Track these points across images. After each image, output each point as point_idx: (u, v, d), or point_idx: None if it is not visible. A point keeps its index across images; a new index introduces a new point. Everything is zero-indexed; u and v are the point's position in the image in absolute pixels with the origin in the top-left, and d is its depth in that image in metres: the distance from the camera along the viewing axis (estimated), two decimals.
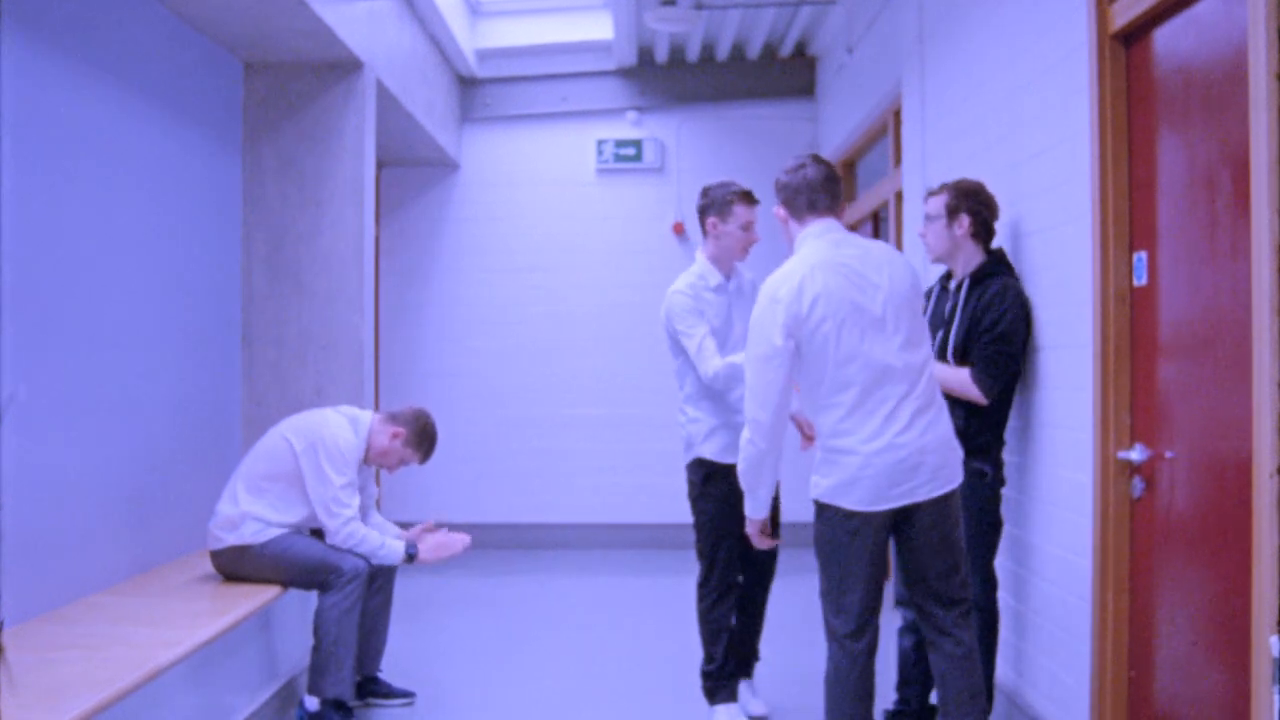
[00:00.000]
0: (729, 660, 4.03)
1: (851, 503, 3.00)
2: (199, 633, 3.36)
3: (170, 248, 4.47)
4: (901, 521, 3.03)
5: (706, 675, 4.03)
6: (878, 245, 3.13)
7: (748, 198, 4.01)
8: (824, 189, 3.11)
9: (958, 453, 3.07)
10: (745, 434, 3.11)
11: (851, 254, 3.03)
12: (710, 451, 3.98)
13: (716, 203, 4.00)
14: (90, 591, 3.84)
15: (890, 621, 3.48)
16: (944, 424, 3.04)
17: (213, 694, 3.56)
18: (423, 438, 4.20)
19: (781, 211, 3.18)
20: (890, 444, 2.94)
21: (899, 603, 3.65)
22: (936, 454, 2.98)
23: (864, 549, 3.00)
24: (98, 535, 3.92)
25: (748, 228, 3.99)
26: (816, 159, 3.18)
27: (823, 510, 3.07)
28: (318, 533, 4.06)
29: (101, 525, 3.94)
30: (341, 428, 4.05)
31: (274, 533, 3.96)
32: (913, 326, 3.02)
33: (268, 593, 3.88)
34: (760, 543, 3.31)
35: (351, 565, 3.93)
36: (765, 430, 3.05)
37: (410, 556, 4.08)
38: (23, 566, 3.36)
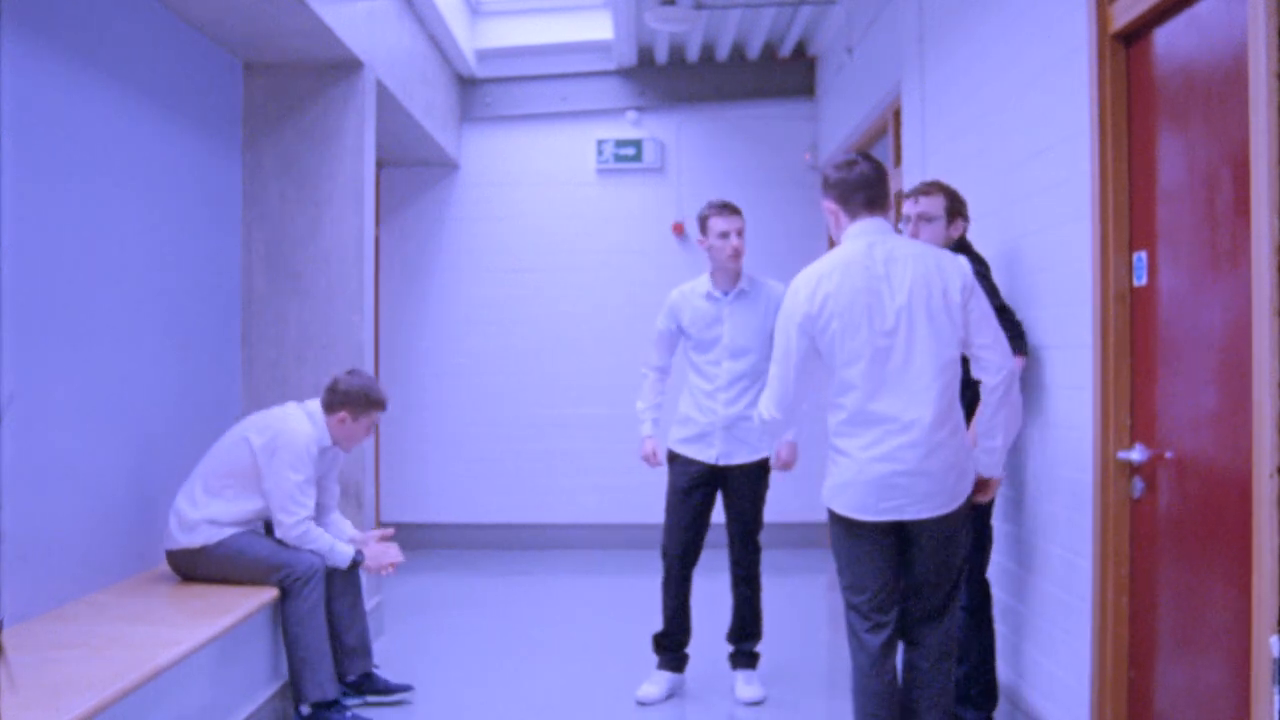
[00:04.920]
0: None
1: (841, 507, 3.00)
2: (199, 633, 3.36)
3: (170, 248, 4.47)
4: (903, 533, 3.01)
5: None
6: (920, 254, 2.99)
7: (723, 209, 4.30)
8: (878, 187, 3.05)
9: (966, 477, 3.00)
10: (759, 417, 3.17)
11: (880, 257, 2.95)
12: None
13: (699, 220, 4.35)
14: (90, 591, 3.84)
15: None
16: (954, 447, 2.95)
17: (213, 694, 3.56)
18: (362, 401, 4.12)
19: (833, 206, 3.08)
20: (885, 455, 2.91)
21: None
22: (935, 478, 2.92)
23: (866, 552, 3.00)
24: (98, 535, 3.92)
25: (725, 235, 4.26)
26: (867, 156, 3.10)
27: (828, 512, 3.08)
28: (269, 527, 4.07)
29: (102, 525, 3.94)
30: (300, 421, 4.05)
31: (226, 533, 3.97)
32: (934, 344, 2.90)
33: (268, 593, 3.89)
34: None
35: (306, 564, 3.92)
36: (772, 424, 3.10)
37: (355, 563, 4.11)
38: (23, 566, 3.37)
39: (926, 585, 3.04)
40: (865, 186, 3.03)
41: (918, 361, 2.91)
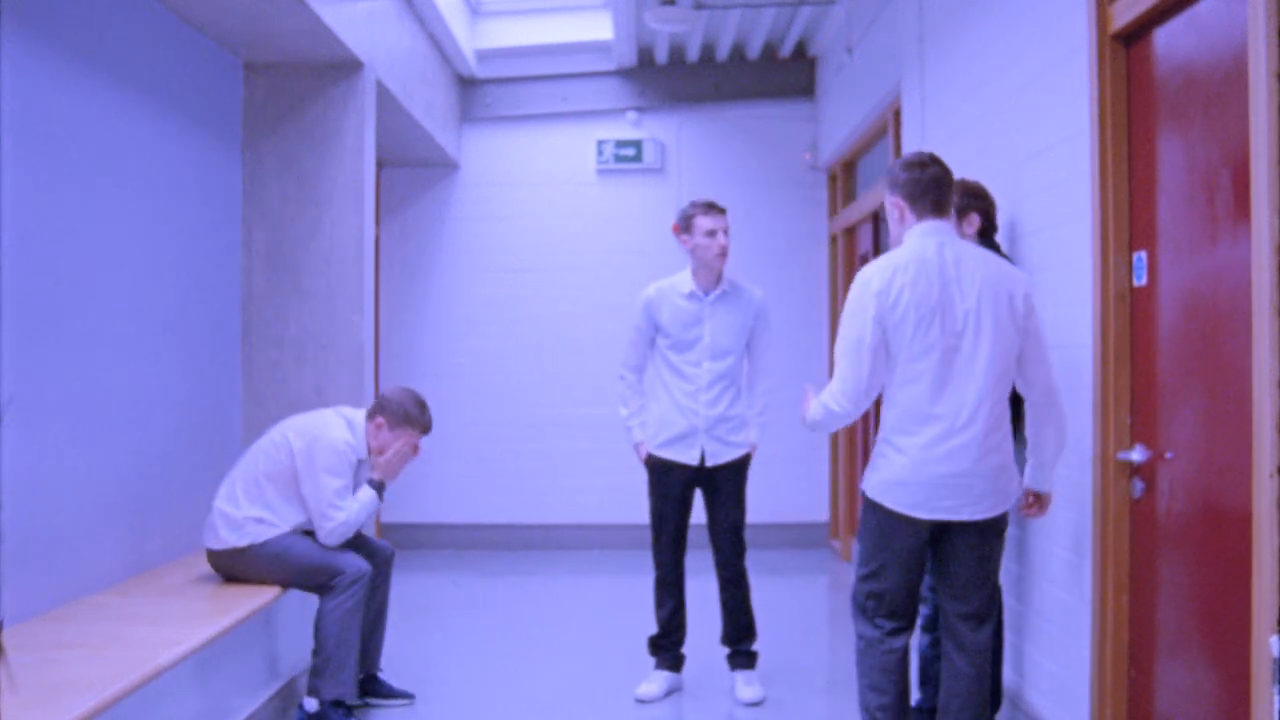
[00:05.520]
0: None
1: (893, 503, 2.99)
2: (199, 633, 3.36)
3: (170, 248, 4.47)
4: (943, 533, 3.02)
5: None
6: (988, 262, 3.03)
7: (709, 208, 4.33)
8: (946, 190, 3.07)
9: (1014, 480, 3.05)
10: (824, 408, 3.06)
11: (951, 258, 2.98)
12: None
13: (684, 219, 4.37)
14: (90, 591, 3.83)
15: None
16: (1005, 450, 3.00)
17: (213, 694, 3.57)
18: (405, 415, 4.11)
19: (900, 203, 3.08)
20: (944, 455, 2.93)
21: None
22: (989, 479, 2.96)
23: (903, 549, 3.02)
24: (98, 535, 3.91)
25: (712, 234, 4.29)
26: (936, 159, 3.11)
27: (869, 504, 3.08)
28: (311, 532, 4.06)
29: (101, 525, 3.94)
30: (340, 428, 4.05)
31: (273, 533, 3.95)
32: (996, 349, 2.94)
33: (268, 593, 3.88)
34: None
35: (354, 568, 3.92)
36: (830, 419, 3.06)
37: (378, 489, 4.08)
38: (23, 566, 3.36)
39: (966, 585, 3.05)
40: (936, 189, 3.05)
41: (979, 364, 2.94)
